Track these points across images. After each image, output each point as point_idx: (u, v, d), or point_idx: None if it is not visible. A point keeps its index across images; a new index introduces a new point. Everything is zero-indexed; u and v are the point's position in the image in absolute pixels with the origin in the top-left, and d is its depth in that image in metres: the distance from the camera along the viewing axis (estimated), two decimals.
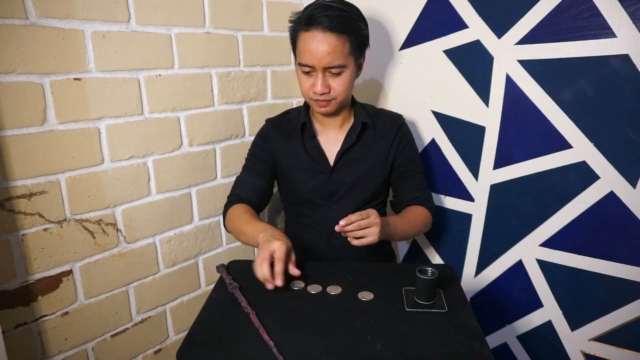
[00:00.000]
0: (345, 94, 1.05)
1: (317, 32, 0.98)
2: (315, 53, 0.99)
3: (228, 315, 0.81)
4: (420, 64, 1.25)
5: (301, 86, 1.07)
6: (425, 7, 1.21)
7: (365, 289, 0.87)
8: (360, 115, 1.12)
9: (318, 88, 1.02)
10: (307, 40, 1.00)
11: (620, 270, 1.02)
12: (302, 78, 1.05)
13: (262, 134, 1.19)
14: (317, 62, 1.00)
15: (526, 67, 1.06)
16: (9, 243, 0.93)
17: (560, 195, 1.07)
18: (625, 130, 0.96)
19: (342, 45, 0.99)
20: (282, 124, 1.18)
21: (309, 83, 1.04)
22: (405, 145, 1.16)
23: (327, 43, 0.98)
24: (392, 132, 1.15)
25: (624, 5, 0.91)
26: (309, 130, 1.12)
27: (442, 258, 1.36)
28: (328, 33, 0.98)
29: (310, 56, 1.00)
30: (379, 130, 1.14)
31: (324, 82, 1.02)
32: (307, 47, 1.00)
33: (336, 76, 1.02)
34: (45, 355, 1.02)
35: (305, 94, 1.07)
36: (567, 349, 1.15)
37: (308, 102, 1.10)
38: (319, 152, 1.12)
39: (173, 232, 1.24)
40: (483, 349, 0.71)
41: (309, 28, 0.99)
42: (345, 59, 1.01)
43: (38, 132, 0.94)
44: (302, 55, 1.02)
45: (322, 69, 1.01)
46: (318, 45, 0.98)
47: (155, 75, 1.12)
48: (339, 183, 1.12)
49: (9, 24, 0.87)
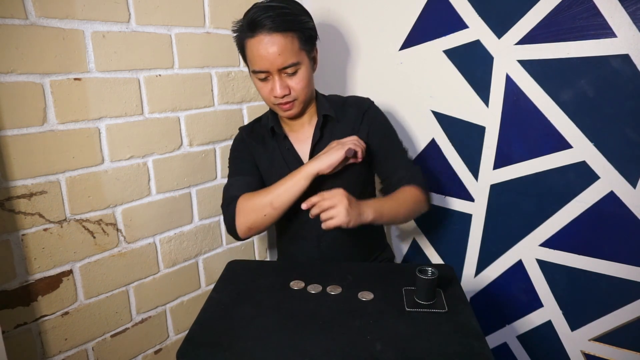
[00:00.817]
0: (305, 92, 1.03)
1: (263, 36, 0.96)
2: (266, 57, 0.97)
3: (228, 315, 0.81)
4: (420, 64, 1.25)
5: (261, 93, 1.05)
6: (425, 7, 1.21)
7: (365, 289, 0.87)
8: (321, 109, 1.10)
9: (277, 91, 1.00)
10: (255, 46, 0.98)
11: (620, 270, 1.02)
12: (259, 85, 1.04)
13: (240, 139, 1.17)
14: (270, 65, 0.98)
15: (526, 67, 1.06)
16: (9, 243, 0.93)
17: (560, 195, 1.07)
18: (625, 130, 0.96)
19: (290, 44, 0.97)
20: (255, 130, 1.16)
21: (267, 88, 1.02)
22: (376, 127, 1.12)
23: (276, 44, 0.96)
24: (358, 118, 1.12)
25: (624, 5, 0.91)
26: (278, 134, 1.11)
27: (442, 258, 1.36)
28: (274, 34, 0.96)
29: (262, 61, 0.98)
30: (344, 120, 1.12)
31: (282, 84, 1.00)
32: (257, 53, 0.98)
33: (293, 76, 1.01)
34: (45, 355, 1.02)
35: (267, 100, 1.05)
36: (567, 349, 1.15)
37: (272, 107, 1.09)
38: (292, 153, 1.11)
39: (173, 232, 1.24)
40: (483, 349, 0.71)
41: (254, 33, 0.97)
42: (297, 56, 0.99)
43: (38, 132, 0.94)
44: (254, 62, 1.00)
45: (277, 72, 0.99)
46: (267, 49, 0.96)
47: (155, 75, 1.12)
48: (317, 182, 1.06)
49: (9, 24, 0.87)
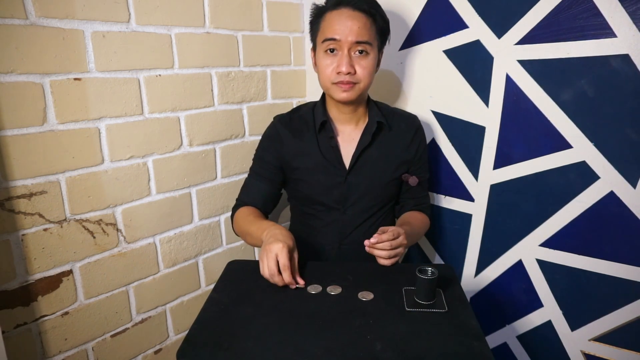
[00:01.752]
0: (367, 80, 1.02)
1: (346, 10, 0.98)
2: (344, 26, 0.97)
3: (228, 315, 0.81)
4: (420, 64, 1.25)
5: (322, 69, 1.02)
6: (425, 7, 1.21)
7: (365, 289, 0.87)
8: (374, 114, 1.08)
9: (344, 67, 0.98)
10: (334, 17, 0.99)
11: (620, 270, 1.02)
12: (324, 60, 1.01)
13: (270, 135, 1.13)
14: (345, 35, 0.97)
15: (526, 67, 1.06)
16: (9, 243, 0.93)
17: (560, 195, 1.07)
18: (625, 130, 0.96)
19: (370, 24, 1.00)
20: (294, 121, 1.12)
21: (332, 64, 1.00)
22: (422, 150, 1.14)
23: (356, 19, 0.98)
24: (410, 134, 1.11)
25: (624, 5, 0.91)
26: (327, 130, 1.08)
27: (442, 258, 1.36)
28: (356, 11, 0.98)
29: (339, 29, 0.97)
30: (395, 131, 1.10)
31: (350, 61, 0.99)
32: (335, 22, 0.98)
33: (361, 58, 1.00)
34: (45, 355, 1.02)
35: (328, 76, 1.01)
36: (567, 349, 1.15)
37: (328, 88, 1.04)
38: (335, 153, 1.08)
39: (173, 232, 1.24)
40: (483, 349, 0.71)
41: (338, 7, 0.99)
42: (373, 38, 1.00)
43: (38, 132, 0.94)
44: (328, 31, 0.99)
45: (348, 46, 0.98)
46: (347, 20, 0.97)
47: (155, 75, 1.12)
48: (353, 186, 1.08)
49: (9, 24, 0.87)
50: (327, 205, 1.10)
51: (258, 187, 1.13)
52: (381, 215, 1.14)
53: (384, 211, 1.14)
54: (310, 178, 1.09)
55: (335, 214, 1.11)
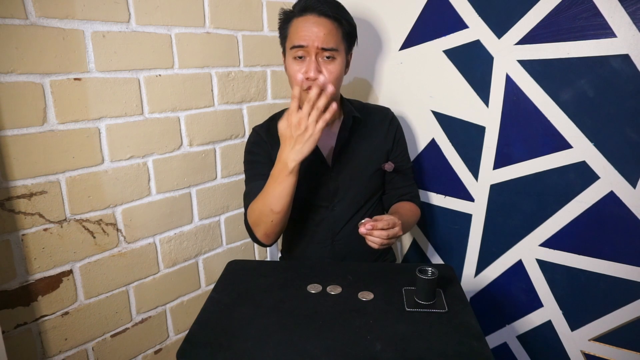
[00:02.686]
0: (335, 84, 1.03)
1: (312, 16, 1.00)
2: (310, 33, 0.98)
3: (228, 315, 0.81)
4: (420, 64, 1.25)
5: (292, 75, 1.03)
6: (425, 7, 1.21)
7: (365, 289, 0.87)
8: (349, 111, 1.11)
9: (312, 72, 0.99)
10: (300, 24, 1.00)
11: (620, 270, 1.02)
12: (293, 66, 1.02)
13: (255, 140, 1.14)
14: (312, 41, 0.98)
15: (526, 67, 1.06)
16: (9, 243, 0.93)
17: (560, 195, 1.07)
18: (625, 130, 0.96)
19: (335, 30, 1.01)
20: (272, 130, 1.13)
21: (301, 69, 1.01)
22: (399, 139, 1.17)
23: (322, 25, 0.99)
24: (384, 125, 1.15)
25: (624, 5, 0.91)
26: None
27: (442, 258, 1.36)
28: (322, 17, 0.99)
29: (306, 35, 0.99)
30: (370, 124, 1.14)
31: (317, 67, 1.00)
32: (302, 29, 0.99)
33: (329, 62, 1.01)
34: (45, 355, 1.02)
35: (297, 82, 1.01)
36: (567, 349, 1.15)
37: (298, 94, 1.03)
38: (315, 152, 1.09)
39: (173, 232, 1.24)
40: (483, 349, 0.71)
41: (303, 13, 1.00)
42: (339, 44, 1.01)
43: (38, 132, 0.94)
44: (295, 37, 1.00)
45: (315, 52, 0.99)
46: (312, 27, 0.99)
47: (155, 75, 1.12)
48: (339, 182, 1.10)
49: (9, 24, 0.87)
50: (316, 204, 1.12)
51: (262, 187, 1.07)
52: (369, 207, 1.15)
53: (372, 203, 1.15)
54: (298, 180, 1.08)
55: (324, 212, 1.12)
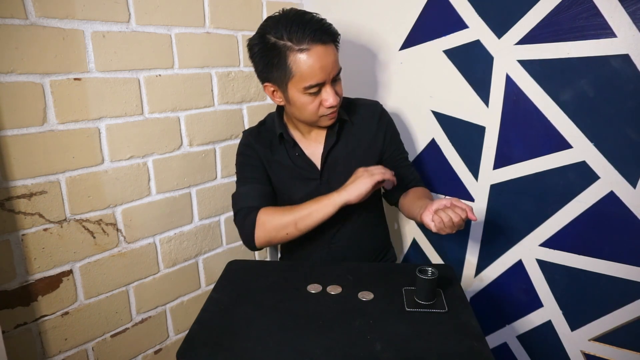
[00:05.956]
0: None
1: (318, 48, 0.92)
2: (323, 66, 0.92)
3: (228, 315, 0.81)
4: (420, 64, 1.25)
5: (306, 110, 0.98)
6: (425, 7, 1.21)
7: (365, 289, 0.87)
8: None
9: (334, 101, 0.96)
10: (310, 61, 0.91)
11: (620, 270, 1.02)
12: (304, 98, 0.96)
13: (246, 144, 1.12)
14: (328, 75, 0.94)
15: (526, 67, 1.06)
16: (9, 243, 0.93)
17: (560, 195, 1.07)
18: (625, 130, 0.96)
19: (336, 50, 0.97)
20: (262, 134, 1.12)
21: (317, 102, 0.97)
22: (391, 133, 1.14)
23: (329, 54, 0.94)
24: (374, 121, 1.12)
25: (624, 5, 0.91)
26: (287, 140, 1.08)
27: (442, 258, 1.36)
28: (328, 45, 0.94)
29: (322, 73, 0.93)
30: (359, 123, 1.11)
31: (335, 92, 0.97)
32: (318, 66, 0.92)
33: (337, 84, 0.99)
34: (45, 355, 1.02)
35: (314, 114, 0.99)
36: (567, 349, 1.15)
37: (314, 121, 1.02)
38: (303, 159, 1.08)
39: (173, 232, 1.24)
40: (483, 349, 0.71)
41: (308, 47, 0.91)
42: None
43: (38, 132, 0.94)
44: (307, 77, 0.93)
45: (330, 81, 0.96)
46: (323, 59, 0.92)
47: (155, 75, 1.12)
48: (330, 185, 1.07)
49: (9, 24, 0.87)
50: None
51: (256, 189, 1.08)
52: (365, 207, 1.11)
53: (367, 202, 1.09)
54: (288, 185, 1.10)
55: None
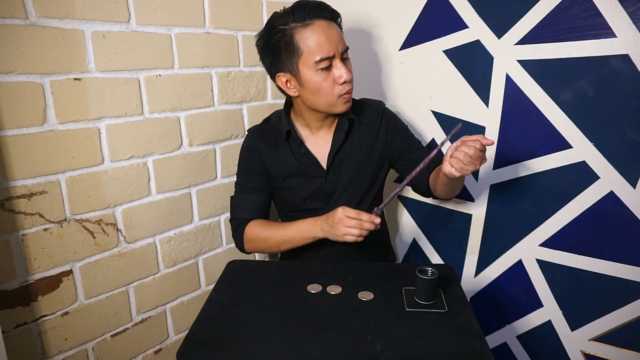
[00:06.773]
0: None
1: (323, 22, 0.95)
2: (331, 40, 0.95)
3: (228, 315, 0.81)
4: (420, 64, 1.25)
5: (321, 90, 0.98)
6: (425, 7, 1.21)
7: (365, 289, 0.87)
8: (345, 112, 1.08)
9: (347, 75, 0.97)
10: (316, 33, 0.94)
11: (620, 270, 1.02)
12: (319, 77, 0.97)
13: (248, 147, 1.14)
14: (336, 48, 0.96)
15: (526, 67, 1.06)
16: (9, 243, 0.93)
17: (560, 195, 1.07)
18: (625, 130, 0.96)
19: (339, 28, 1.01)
20: (267, 132, 1.13)
21: (331, 78, 0.97)
22: (394, 129, 1.14)
23: (333, 28, 0.97)
24: (377, 121, 1.13)
25: (624, 5, 0.91)
26: (294, 138, 1.09)
27: (442, 258, 1.36)
28: (331, 21, 0.98)
29: (329, 45, 0.95)
30: (365, 123, 1.12)
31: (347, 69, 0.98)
32: (323, 38, 0.94)
33: (347, 61, 1.00)
34: (45, 355, 1.02)
35: (330, 94, 0.98)
36: (567, 349, 1.15)
37: (332, 104, 1.00)
38: (309, 157, 1.09)
39: (173, 232, 1.24)
40: (483, 349, 0.71)
41: (311, 22, 0.95)
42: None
43: (38, 132, 0.94)
44: (318, 49, 0.94)
45: (339, 56, 0.97)
46: (328, 32, 0.95)
47: (155, 75, 1.12)
48: (334, 184, 1.10)
49: (9, 24, 0.87)
50: (311, 207, 1.11)
51: (251, 200, 1.12)
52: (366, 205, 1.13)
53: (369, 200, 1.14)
54: (291, 183, 1.11)
55: (320, 214, 1.09)
